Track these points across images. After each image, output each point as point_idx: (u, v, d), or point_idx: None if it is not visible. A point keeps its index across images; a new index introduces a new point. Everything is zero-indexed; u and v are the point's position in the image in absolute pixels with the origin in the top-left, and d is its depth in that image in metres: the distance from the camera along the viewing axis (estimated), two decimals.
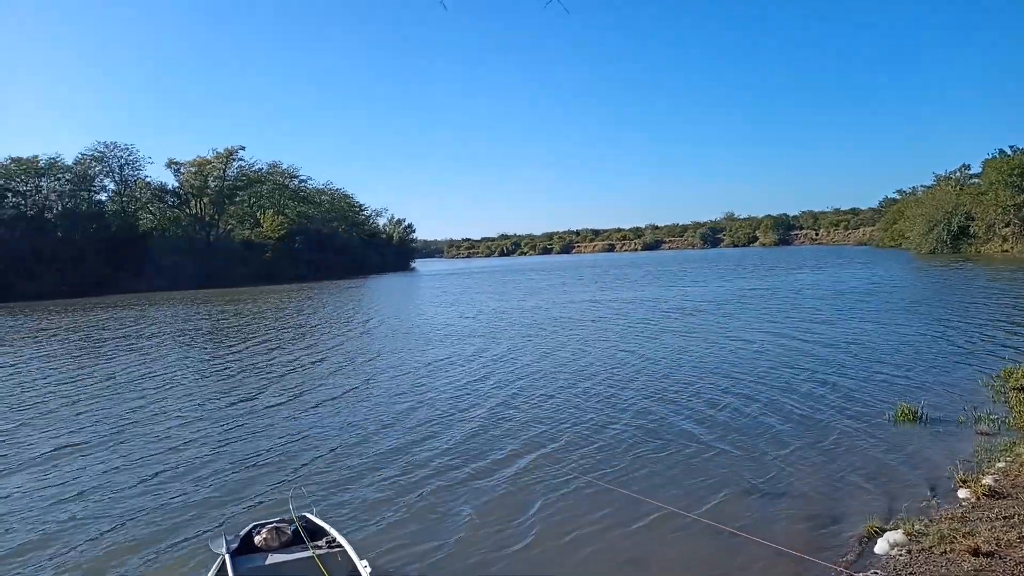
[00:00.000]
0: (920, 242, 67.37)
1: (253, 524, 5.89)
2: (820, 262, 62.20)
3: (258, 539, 5.65)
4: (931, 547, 5.40)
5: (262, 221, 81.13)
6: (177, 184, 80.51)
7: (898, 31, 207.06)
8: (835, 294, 30.19)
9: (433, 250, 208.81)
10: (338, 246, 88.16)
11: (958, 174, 77.20)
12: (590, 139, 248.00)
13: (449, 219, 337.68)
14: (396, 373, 15.47)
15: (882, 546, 5.67)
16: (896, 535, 5.76)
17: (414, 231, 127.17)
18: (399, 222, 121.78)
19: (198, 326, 28.97)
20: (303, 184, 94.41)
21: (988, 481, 6.76)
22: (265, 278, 68.49)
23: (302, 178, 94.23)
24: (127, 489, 8.19)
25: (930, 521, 5.99)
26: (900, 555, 5.45)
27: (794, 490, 7.22)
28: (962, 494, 6.68)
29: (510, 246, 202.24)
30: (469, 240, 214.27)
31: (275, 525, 5.77)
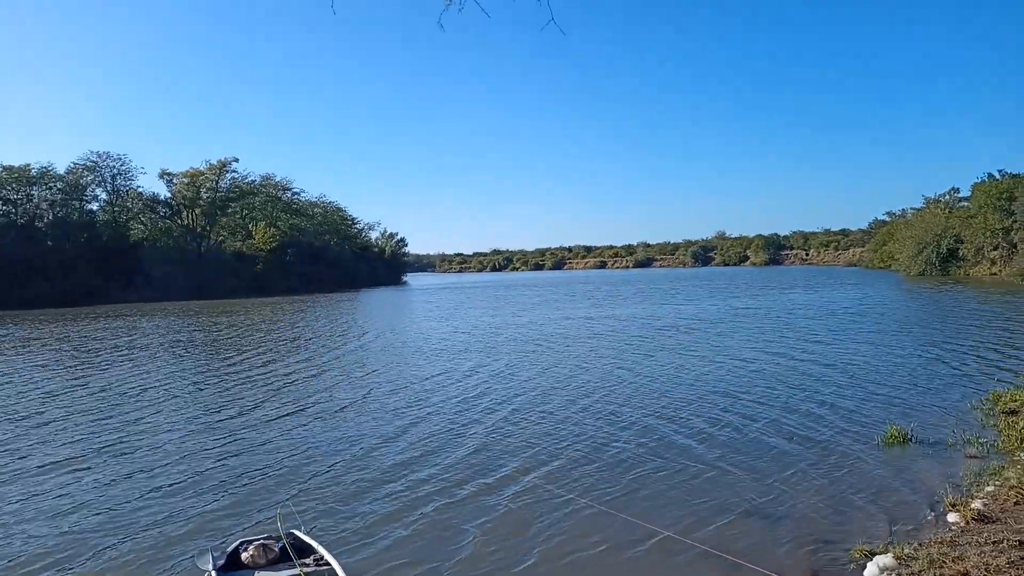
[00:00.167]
0: (909, 264, 67.95)
1: (240, 541, 5.85)
2: (811, 282, 62.58)
3: (245, 556, 5.62)
4: (920, 571, 5.44)
5: (254, 233, 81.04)
6: (169, 195, 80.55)
7: (890, 54, 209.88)
8: (827, 314, 30.48)
9: (425, 264, 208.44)
10: (330, 259, 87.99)
11: (948, 197, 78.10)
12: (584, 154, 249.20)
13: (441, 233, 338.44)
14: (393, 388, 15.51)
15: (872, 570, 5.70)
16: (886, 559, 5.80)
17: (406, 245, 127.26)
18: (391, 236, 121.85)
19: (192, 337, 28.85)
20: (296, 196, 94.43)
21: (977, 505, 6.84)
22: (256, 290, 68.31)
23: (295, 191, 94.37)
24: (118, 504, 8.13)
25: (920, 545, 6.04)
26: None
27: (781, 513, 7.29)
28: (951, 518, 6.76)
29: (502, 261, 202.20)
30: (461, 255, 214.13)
31: (262, 542, 5.73)
